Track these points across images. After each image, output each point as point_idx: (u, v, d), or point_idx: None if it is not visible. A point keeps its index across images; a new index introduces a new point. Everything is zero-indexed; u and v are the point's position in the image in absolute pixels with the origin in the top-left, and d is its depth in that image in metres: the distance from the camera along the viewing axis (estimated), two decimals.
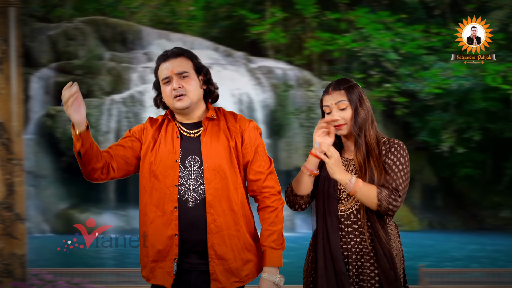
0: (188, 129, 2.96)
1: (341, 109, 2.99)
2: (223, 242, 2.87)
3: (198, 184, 2.87)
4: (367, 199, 2.89)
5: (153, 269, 2.89)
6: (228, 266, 2.87)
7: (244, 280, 2.92)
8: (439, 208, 18.09)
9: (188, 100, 2.91)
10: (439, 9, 18.25)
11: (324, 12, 18.01)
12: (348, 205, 2.99)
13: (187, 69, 2.93)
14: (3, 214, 5.60)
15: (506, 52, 16.00)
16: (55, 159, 15.51)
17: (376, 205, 2.89)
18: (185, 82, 2.91)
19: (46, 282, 6.07)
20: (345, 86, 3.01)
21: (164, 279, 2.87)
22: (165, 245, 2.85)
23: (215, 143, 2.91)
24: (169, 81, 2.92)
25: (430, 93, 16.71)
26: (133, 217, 14.74)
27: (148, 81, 16.38)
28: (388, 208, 2.89)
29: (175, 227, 2.85)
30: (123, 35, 18.13)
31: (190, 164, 2.89)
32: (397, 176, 2.94)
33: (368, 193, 2.89)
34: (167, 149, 2.91)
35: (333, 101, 3.00)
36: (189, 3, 19.66)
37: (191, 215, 2.85)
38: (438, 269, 9.16)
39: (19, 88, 5.70)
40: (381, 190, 2.89)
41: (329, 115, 3.01)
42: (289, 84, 16.83)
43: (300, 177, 3.05)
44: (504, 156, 17.56)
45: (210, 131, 2.94)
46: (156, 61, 3.00)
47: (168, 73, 2.92)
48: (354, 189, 2.89)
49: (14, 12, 5.62)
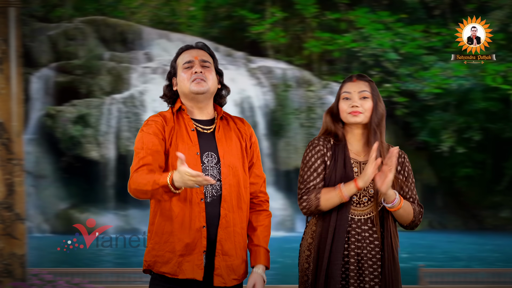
0: (202, 124, 2.96)
1: (362, 98, 3.00)
2: (229, 238, 2.88)
3: (216, 180, 2.87)
4: (406, 215, 2.94)
5: (181, 263, 2.84)
6: (230, 263, 2.88)
7: (240, 278, 2.93)
8: (439, 208, 18.08)
9: (206, 86, 2.92)
10: (439, 9, 18.25)
11: (324, 12, 18.01)
12: (366, 210, 2.98)
13: (210, 61, 2.98)
14: (3, 214, 5.60)
15: (506, 52, 16.00)
16: (55, 159, 15.52)
17: (410, 221, 2.96)
18: (206, 70, 2.94)
19: (46, 282, 6.07)
20: (369, 79, 3.06)
21: (194, 272, 2.83)
22: (193, 237, 2.83)
23: (229, 141, 2.93)
24: (190, 67, 2.94)
25: (430, 93, 16.71)
26: (133, 217, 14.75)
27: (148, 81, 16.38)
28: (416, 225, 2.98)
29: (202, 219, 2.84)
30: (123, 35, 18.13)
31: (208, 160, 2.90)
32: (415, 191, 3.01)
33: (408, 209, 2.94)
34: (186, 143, 2.89)
35: (357, 89, 3.00)
36: (189, 3, 19.65)
37: (208, 210, 2.85)
38: (438, 269, 9.16)
39: (19, 88, 5.70)
40: (415, 208, 2.96)
41: (346, 101, 3.00)
42: (289, 84, 16.83)
43: (333, 199, 2.93)
44: (504, 156, 17.55)
45: (222, 129, 2.96)
46: (178, 51, 3.02)
47: (191, 58, 2.95)
48: (401, 204, 2.90)
49: (14, 12, 5.62)
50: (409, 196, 2.99)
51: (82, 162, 15.31)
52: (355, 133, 3.04)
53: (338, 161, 3.00)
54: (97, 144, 15.33)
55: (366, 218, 2.97)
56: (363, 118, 2.98)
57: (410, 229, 2.96)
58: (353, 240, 2.95)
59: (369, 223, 2.96)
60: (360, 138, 3.03)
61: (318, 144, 3.03)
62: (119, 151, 15.29)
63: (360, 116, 2.98)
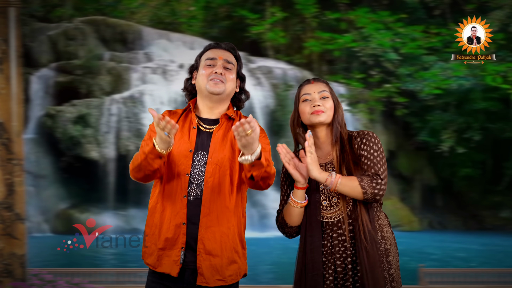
0: (206, 123, 2.99)
1: (322, 97, 3.01)
2: (213, 238, 2.87)
3: (201, 180, 2.89)
4: (351, 189, 2.88)
5: (160, 257, 2.89)
6: (214, 263, 2.87)
7: (227, 280, 2.91)
8: (439, 208, 18.09)
9: (223, 88, 2.95)
10: (439, 9, 18.25)
11: (324, 12, 18.00)
12: (339, 210, 2.97)
13: (233, 63, 3.01)
14: (3, 214, 5.60)
15: (506, 52, 16.00)
16: (55, 159, 15.51)
17: (361, 193, 2.88)
18: (227, 72, 2.97)
19: (46, 282, 6.07)
20: (325, 81, 3.09)
21: (171, 268, 2.87)
22: (173, 233, 2.87)
23: (224, 140, 2.95)
24: (213, 65, 2.97)
25: (430, 93, 16.70)
26: (133, 217, 14.75)
27: (148, 81, 16.38)
28: (374, 193, 2.88)
29: (183, 216, 2.87)
30: (123, 35, 18.13)
31: (198, 159, 2.92)
32: (374, 162, 2.94)
33: (350, 183, 2.88)
34: (183, 138, 2.94)
35: (316, 90, 3.02)
36: (189, 3, 19.65)
37: (190, 208, 2.88)
38: (438, 269, 9.15)
39: (19, 88, 5.70)
40: (361, 179, 2.89)
41: (307, 103, 3.01)
42: (289, 84, 16.83)
43: (292, 210, 2.99)
44: (504, 156, 17.55)
45: (224, 128, 2.98)
46: (206, 47, 3.06)
47: (216, 56, 2.98)
48: (335, 183, 2.87)
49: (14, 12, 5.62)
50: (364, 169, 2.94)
51: (82, 162, 15.31)
52: (320, 136, 3.04)
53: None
54: (97, 144, 15.33)
55: (340, 218, 2.97)
56: (325, 117, 2.99)
57: (373, 201, 2.89)
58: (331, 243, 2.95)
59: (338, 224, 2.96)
60: (325, 139, 3.03)
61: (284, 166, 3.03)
62: (119, 151, 15.29)
63: (322, 115, 2.98)
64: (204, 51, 3.05)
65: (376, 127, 17.06)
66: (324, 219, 2.98)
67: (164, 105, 15.40)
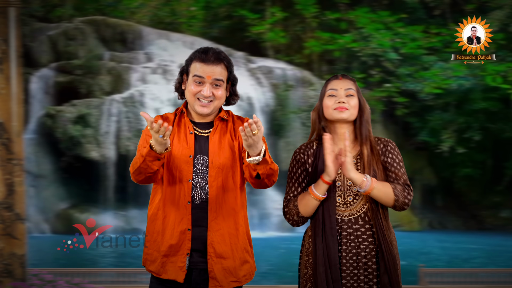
0: (200, 128, 3.00)
1: (348, 95, 3.00)
2: (223, 241, 2.88)
3: (205, 183, 2.90)
4: (384, 195, 2.89)
5: (165, 263, 2.90)
6: (226, 265, 2.88)
7: (241, 280, 2.93)
8: (439, 208, 18.08)
9: (212, 108, 2.96)
10: (439, 9, 18.24)
11: (324, 12, 17.99)
12: (354, 209, 2.97)
13: (223, 77, 2.97)
14: (3, 214, 5.60)
15: (506, 52, 16.00)
16: (55, 159, 15.51)
17: (393, 200, 2.90)
18: (216, 90, 2.95)
19: (46, 282, 6.07)
20: (353, 79, 3.07)
21: (176, 274, 2.88)
22: (178, 239, 2.88)
23: (222, 142, 2.96)
24: (201, 83, 2.94)
25: (430, 93, 16.70)
26: (133, 217, 14.75)
27: (148, 81, 16.38)
28: (404, 202, 2.91)
29: (188, 222, 2.88)
30: (123, 35, 18.12)
31: (199, 163, 2.93)
32: (401, 172, 2.98)
33: (384, 189, 2.90)
34: (181, 144, 2.94)
35: (343, 86, 3.01)
36: (189, 3, 19.64)
37: (196, 212, 2.88)
38: (438, 269, 9.16)
39: (19, 88, 5.70)
40: (395, 186, 2.92)
41: (332, 98, 3.01)
42: (289, 84, 16.83)
43: (309, 202, 2.97)
44: (504, 156, 17.55)
45: (219, 131, 2.99)
46: (195, 54, 3.01)
47: (204, 75, 2.94)
48: (372, 186, 2.87)
49: (14, 12, 5.62)
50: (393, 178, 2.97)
51: (82, 162, 15.30)
52: (338, 133, 3.04)
53: (319, 165, 3.02)
54: (97, 144, 15.33)
55: (356, 216, 2.96)
56: (348, 114, 2.99)
57: (399, 209, 2.92)
58: (345, 241, 2.95)
59: (360, 221, 2.96)
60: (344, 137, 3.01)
61: (299, 152, 3.08)
62: (119, 151, 15.29)
63: (346, 112, 2.98)
64: (193, 57, 3.00)
65: (376, 127, 17.05)
66: (338, 216, 2.97)
67: (164, 105, 15.39)
